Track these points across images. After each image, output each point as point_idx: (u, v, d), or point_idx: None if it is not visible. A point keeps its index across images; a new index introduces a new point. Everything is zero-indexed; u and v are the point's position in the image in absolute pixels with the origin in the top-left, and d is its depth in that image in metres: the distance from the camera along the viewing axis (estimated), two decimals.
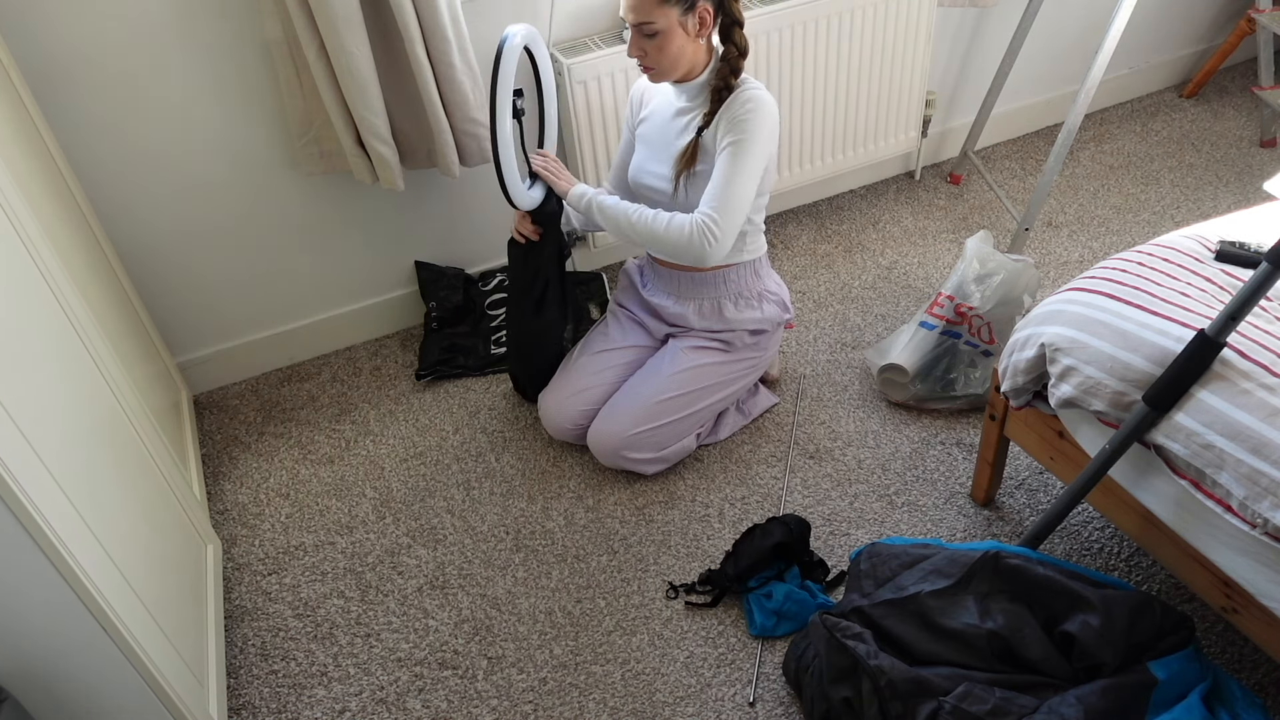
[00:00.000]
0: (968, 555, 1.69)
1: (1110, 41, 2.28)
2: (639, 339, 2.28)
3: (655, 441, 2.13)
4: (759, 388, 2.36)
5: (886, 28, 2.61)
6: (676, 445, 2.17)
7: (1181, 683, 1.53)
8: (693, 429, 2.19)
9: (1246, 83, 3.43)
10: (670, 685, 1.80)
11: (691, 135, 2.00)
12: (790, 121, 2.66)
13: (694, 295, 2.19)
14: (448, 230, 2.60)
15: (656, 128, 2.09)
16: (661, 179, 2.06)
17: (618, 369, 2.24)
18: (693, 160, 1.99)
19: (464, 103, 2.21)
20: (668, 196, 2.06)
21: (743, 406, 2.31)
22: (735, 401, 2.28)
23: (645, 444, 2.12)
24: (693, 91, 2.00)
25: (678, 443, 2.17)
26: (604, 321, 2.34)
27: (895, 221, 2.95)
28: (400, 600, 2.00)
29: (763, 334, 2.21)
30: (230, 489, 2.29)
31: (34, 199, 1.71)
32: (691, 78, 1.98)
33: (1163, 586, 1.89)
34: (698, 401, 2.15)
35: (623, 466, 2.16)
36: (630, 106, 2.17)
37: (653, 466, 2.17)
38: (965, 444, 2.22)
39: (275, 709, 1.83)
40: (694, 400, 2.15)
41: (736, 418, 2.30)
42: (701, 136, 1.98)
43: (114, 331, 1.94)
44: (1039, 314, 1.71)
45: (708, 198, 1.94)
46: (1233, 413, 1.40)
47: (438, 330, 2.58)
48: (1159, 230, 2.79)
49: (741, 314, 2.17)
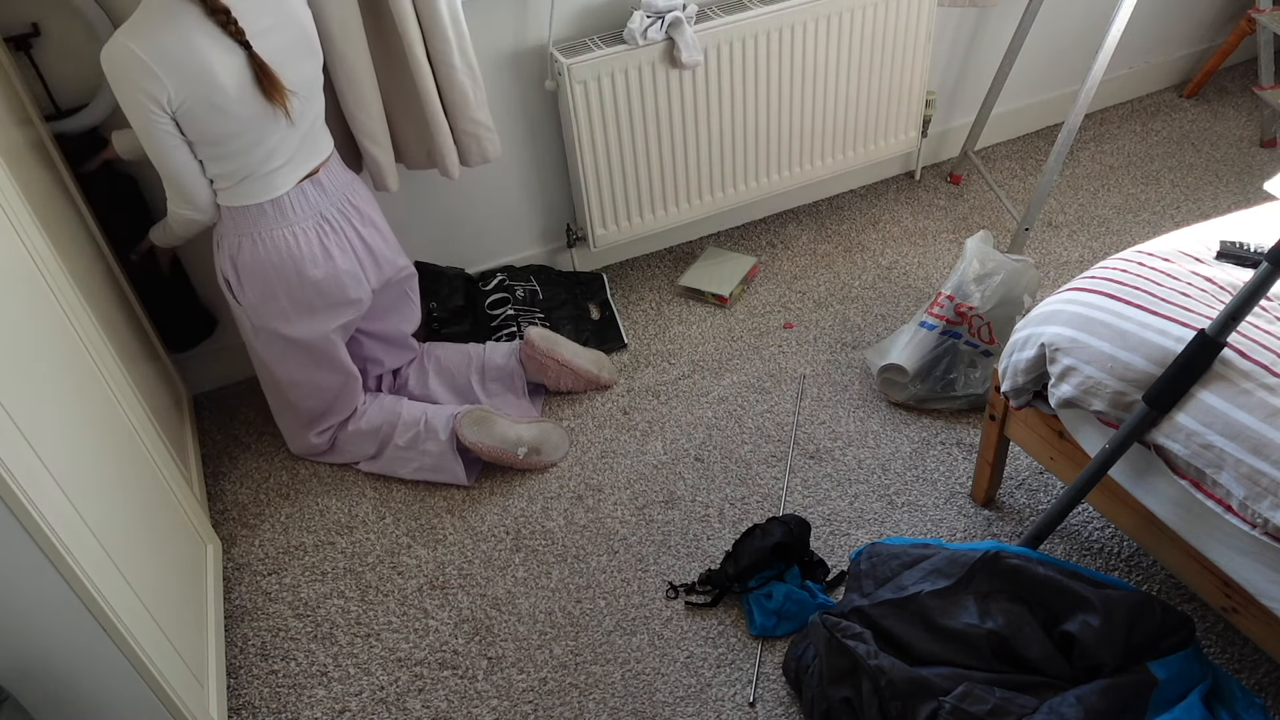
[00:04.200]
0: (968, 555, 1.69)
1: (1110, 41, 2.27)
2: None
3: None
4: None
5: (886, 28, 2.61)
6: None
7: (1182, 683, 1.53)
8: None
9: (1246, 83, 3.43)
10: (670, 685, 1.80)
11: None
12: (790, 121, 2.66)
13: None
14: (448, 230, 2.60)
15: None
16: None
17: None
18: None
19: (464, 103, 2.20)
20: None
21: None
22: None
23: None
24: None
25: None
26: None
27: (895, 221, 2.95)
28: (400, 600, 2.00)
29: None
30: (230, 489, 2.29)
31: (34, 199, 1.71)
32: None
33: (1163, 586, 1.89)
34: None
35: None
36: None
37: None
38: (965, 444, 2.22)
39: (275, 709, 1.83)
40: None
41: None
42: None
43: (114, 331, 1.94)
44: (1039, 314, 1.71)
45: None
46: (1233, 413, 1.40)
47: (438, 330, 2.58)
48: (1159, 230, 2.79)
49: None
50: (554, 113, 2.51)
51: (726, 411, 2.35)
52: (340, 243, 2.04)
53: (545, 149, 2.57)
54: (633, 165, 2.52)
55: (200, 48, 1.72)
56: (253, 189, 1.91)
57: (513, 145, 2.52)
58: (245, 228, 1.95)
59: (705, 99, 2.49)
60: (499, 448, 2.17)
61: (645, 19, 2.32)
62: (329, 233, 2.02)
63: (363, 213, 2.09)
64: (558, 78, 2.36)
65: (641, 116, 2.45)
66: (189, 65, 1.72)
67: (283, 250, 1.97)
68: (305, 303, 2.04)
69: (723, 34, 2.40)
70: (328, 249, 2.02)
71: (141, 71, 1.69)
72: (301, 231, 1.98)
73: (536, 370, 2.37)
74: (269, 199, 1.93)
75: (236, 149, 1.84)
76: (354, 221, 2.07)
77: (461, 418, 2.18)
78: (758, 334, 2.57)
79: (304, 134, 1.94)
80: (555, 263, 2.80)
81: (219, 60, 1.74)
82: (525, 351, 2.36)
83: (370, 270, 2.12)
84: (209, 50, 1.73)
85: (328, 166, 2.02)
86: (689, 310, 2.68)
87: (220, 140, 1.82)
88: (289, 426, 2.29)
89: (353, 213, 2.07)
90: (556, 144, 2.58)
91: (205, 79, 1.74)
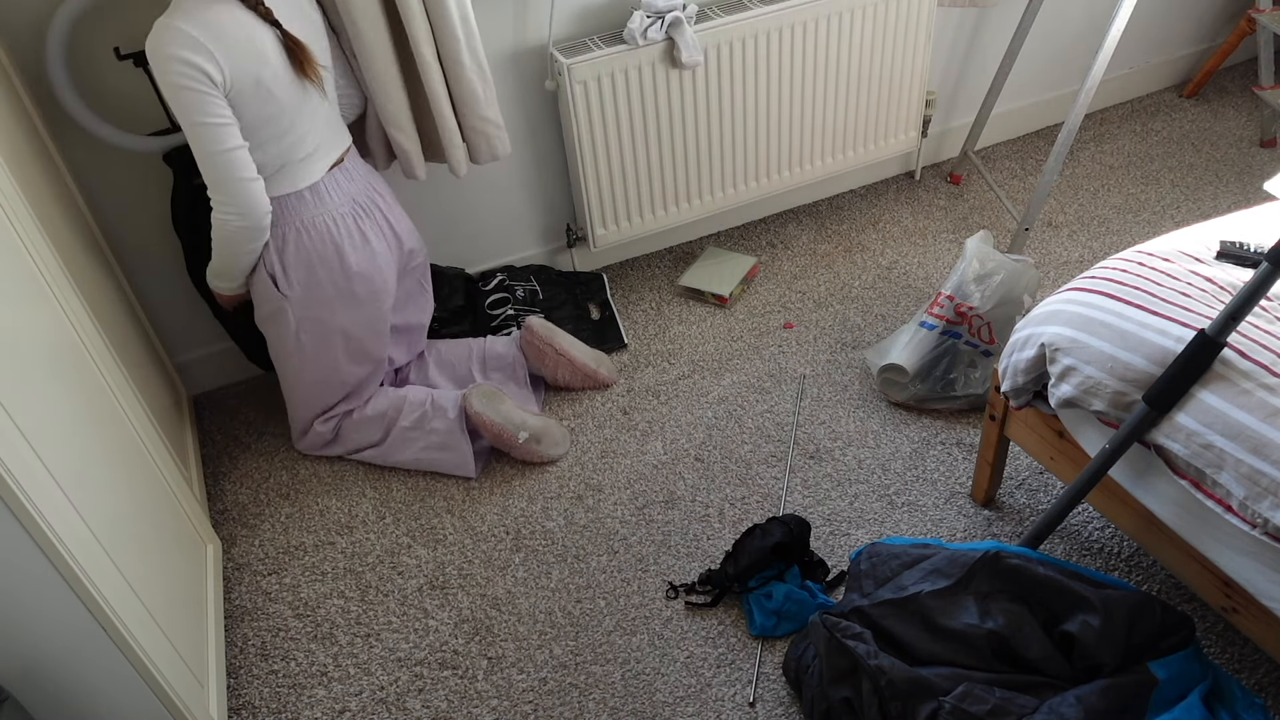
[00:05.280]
0: (968, 555, 1.69)
1: (1110, 41, 2.28)
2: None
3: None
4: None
5: (886, 28, 2.61)
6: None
7: (1182, 683, 1.53)
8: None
9: (1246, 83, 3.43)
10: (670, 685, 1.80)
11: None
12: (790, 121, 2.66)
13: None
14: (448, 230, 2.60)
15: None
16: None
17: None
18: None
19: (474, 100, 2.20)
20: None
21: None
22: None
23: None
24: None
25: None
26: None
27: (895, 221, 2.95)
28: (400, 600, 2.00)
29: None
30: (230, 489, 2.29)
31: (34, 198, 1.71)
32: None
33: (1163, 586, 1.89)
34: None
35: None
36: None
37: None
38: (965, 444, 2.22)
39: (275, 709, 1.83)
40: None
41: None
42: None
43: (114, 331, 1.94)
44: (1039, 314, 1.71)
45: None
46: (1233, 413, 1.40)
47: (439, 330, 2.58)
48: (1159, 230, 2.79)
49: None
50: (554, 113, 2.52)
51: (726, 411, 2.35)
52: (374, 228, 2.08)
53: (545, 149, 2.57)
54: (633, 165, 2.52)
55: (245, 23, 1.75)
56: (290, 177, 1.93)
57: (513, 145, 2.52)
58: (288, 218, 1.96)
59: (705, 99, 2.50)
60: (503, 425, 2.18)
61: (645, 19, 2.32)
62: (363, 217, 2.06)
63: (385, 198, 2.13)
64: (558, 78, 2.36)
65: (641, 116, 2.45)
66: (239, 40, 1.73)
67: (325, 237, 2.00)
68: (349, 292, 2.06)
69: (723, 34, 2.40)
70: (364, 233, 2.05)
71: (195, 48, 1.68)
72: (340, 217, 2.01)
73: (535, 358, 2.38)
74: (305, 185, 1.95)
75: (274, 133, 1.85)
76: (380, 206, 2.11)
77: (472, 390, 2.20)
78: (758, 334, 2.57)
79: (328, 119, 1.98)
80: (555, 263, 2.80)
81: (261, 36, 1.77)
82: (525, 338, 2.38)
83: (397, 253, 2.16)
84: (252, 25, 1.76)
85: (350, 154, 2.06)
86: (689, 310, 2.68)
87: (262, 123, 1.83)
88: (301, 419, 2.27)
89: (378, 197, 2.11)
90: (556, 144, 2.58)
91: (254, 54, 1.75)
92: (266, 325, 2.12)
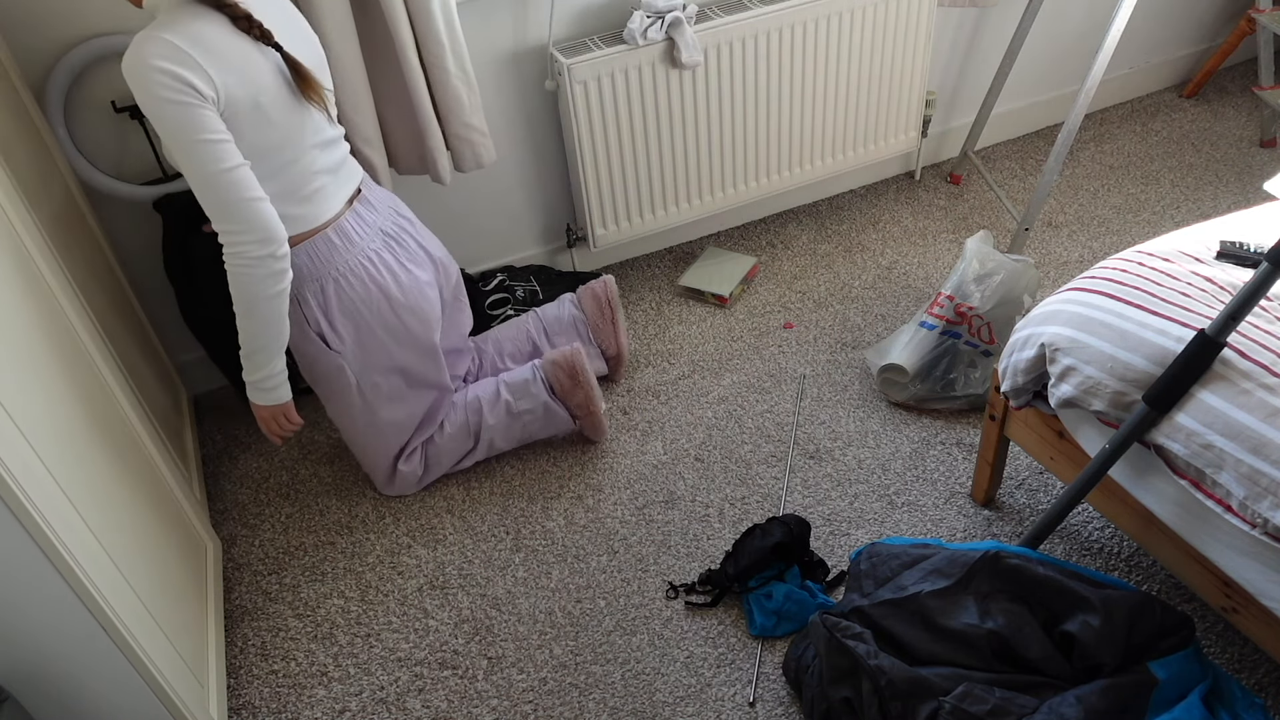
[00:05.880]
0: (968, 555, 1.69)
1: (1110, 41, 2.28)
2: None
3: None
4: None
5: (886, 28, 2.61)
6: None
7: (1182, 683, 1.53)
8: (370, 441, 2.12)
9: (1246, 83, 3.43)
10: (670, 685, 1.80)
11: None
12: (790, 121, 2.66)
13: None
14: (447, 230, 2.60)
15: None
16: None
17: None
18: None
19: (459, 107, 2.20)
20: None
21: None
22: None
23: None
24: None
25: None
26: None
27: (895, 221, 2.95)
28: (400, 600, 2.00)
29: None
30: (230, 489, 2.29)
31: (34, 199, 1.71)
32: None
33: (1163, 586, 1.89)
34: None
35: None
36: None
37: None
38: (965, 444, 2.22)
39: (275, 709, 1.83)
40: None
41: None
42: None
43: (114, 331, 1.94)
44: (1039, 314, 1.71)
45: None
46: (1233, 413, 1.40)
47: None
48: (1159, 230, 2.79)
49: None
50: (554, 113, 2.52)
51: (726, 411, 2.35)
52: (410, 257, 1.97)
53: (545, 149, 2.57)
54: (633, 165, 2.52)
55: (238, 44, 1.60)
56: (301, 216, 1.78)
57: (513, 145, 2.53)
58: (323, 270, 1.84)
59: (705, 99, 2.50)
60: (597, 389, 2.19)
61: (645, 19, 2.32)
62: (396, 248, 1.94)
63: (412, 222, 2.03)
64: (558, 78, 2.36)
65: (641, 116, 2.45)
66: (232, 57, 1.57)
67: (366, 281, 1.88)
68: (402, 329, 1.96)
69: (723, 34, 2.40)
70: (403, 265, 1.94)
71: (180, 60, 1.50)
72: (374, 255, 1.89)
73: (595, 314, 2.35)
74: (323, 223, 1.82)
75: (277, 165, 1.70)
76: (409, 232, 2.00)
77: (575, 350, 2.17)
78: (758, 334, 2.57)
79: (334, 147, 1.84)
80: (555, 263, 2.80)
81: (256, 59, 1.63)
82: (593, 289, 2.35)
83: (436, 275, 2.06)
84: (247, 47, 1.62)
85: (366, 183, 1.96)
86: (689, 310, 2.68)
87: (262, 154, 1.66)
88: (380, 467, 2.14)
89: (404, 223, 2.00)
90: (556, 144, 2.58)
91: (249, 75, 1.60)
92: (321, 384, 2.00)
